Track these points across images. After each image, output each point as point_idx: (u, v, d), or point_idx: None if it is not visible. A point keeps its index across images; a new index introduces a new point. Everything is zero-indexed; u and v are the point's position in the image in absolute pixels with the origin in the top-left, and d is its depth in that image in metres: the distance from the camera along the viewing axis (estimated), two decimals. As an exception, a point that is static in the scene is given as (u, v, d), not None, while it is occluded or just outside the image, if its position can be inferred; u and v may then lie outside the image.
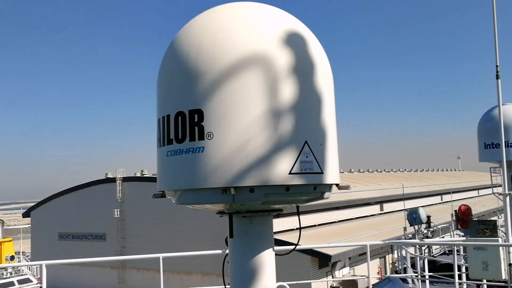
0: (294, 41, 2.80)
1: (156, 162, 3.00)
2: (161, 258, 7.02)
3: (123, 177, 36.85)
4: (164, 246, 30.52)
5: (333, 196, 3.11)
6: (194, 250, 8.87)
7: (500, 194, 8.87)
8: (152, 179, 34.81)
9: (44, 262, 6.55)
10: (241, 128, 2.60)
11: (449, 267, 10.71)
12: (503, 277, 8.20)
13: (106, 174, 38.80)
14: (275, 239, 3.13)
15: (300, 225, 3.31)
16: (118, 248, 35.73)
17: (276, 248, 3.16)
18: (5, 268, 30.94)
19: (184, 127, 2.68)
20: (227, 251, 3.11)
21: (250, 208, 2.90)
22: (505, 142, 9.54)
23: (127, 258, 10.24)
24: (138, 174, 37.49)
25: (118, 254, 34.48)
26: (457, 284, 7.93)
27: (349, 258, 27.50)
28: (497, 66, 8.55)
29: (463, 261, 10.61)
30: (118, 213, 36.01)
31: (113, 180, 37.09)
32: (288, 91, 2.67)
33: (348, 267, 27.90)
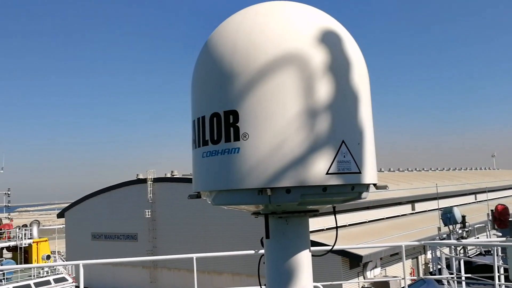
0: (329, 40, 2.76)
1: (192, 163, 3.01)
2: (194, 258, 7.07)
3: (154, 178, 37.38)
4: (194, 246, 30.80)
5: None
6: (224, 250, 8.91)
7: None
8: (182, 180, 35.19)
9: (81, 262, 6.68)
10: (277, 129, 2.58)
11: (485, 268, 10.42)
12: (544, 279, 7.92)
13: (137, 175, 39.44)
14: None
15: (336, 225, 3.26)
16: (149, 248, 36.26)
17: (312, 248, 3.13)
18: (42, 267, 31.83)
19: (220, 128, 2.68)
20: (262, 251, 3.09)
21: (286, 209, 2.87)
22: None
23: (160, 259, 10.36)
24: (169, 175, 37.94)
25: (149, 254, 34.99)
26: (497, 286, 7.70)
27: (381, 259, 27.11)
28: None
29: (501, 262, 10.29)
30: (149, 213, 36.55)
31: (144, 181, 37.67)
32: (324, 90, 2.64)
33: (380, 268, 27.51)
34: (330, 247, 3.34)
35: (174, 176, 37.58)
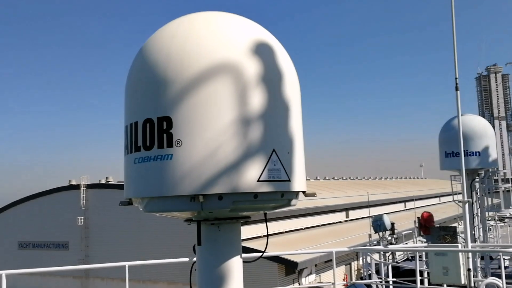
0: (263, 51, 2.84)
1: (123, 169, 2.97)
2: (126, 266, 6.89)
3: (87, 184, 36.02)
4: (129, 255, 29.93)
5: (300, 203, 3.16)
6: (161, 258, 8.76)
7: (460, 201, 9.17)
8: (117, 186, 34.16)
9: (4, 272, 6.32)
10: (210, 136, 2.61)
11: (411, 272, 10.96)
12: (463, 282, 8.47)
13: (69, 181, 37.84)
14: (242, 246, 3.15)
15: (267, 232, 3.34)
16: (81, 256, 34.80)
17: (244, 255, 3.18)
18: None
19: (153, 134, 2.67)
20: (195, 258, 3.11)
21: (218, 216, 2.91)
22: (464, 151, 9.87)
23: (91, 267, 9.99)
24: (103, 181, 36.73)
25: (81, 263, 33.59)
26: (419, 289, 8.13)
27: (315, 265, 27.71)
28: (456, 78, 8.88)
29: (425, 266, 10.89)
30: (82, 221, 35.12)
31: (77, 187, 36.21)
32: (257, 100, 2.71)
33: (315, 274, 28.10)
34: (260, 254, 3.42)
35: (109, 183, 36.42)
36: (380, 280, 10.86)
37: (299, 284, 26.16)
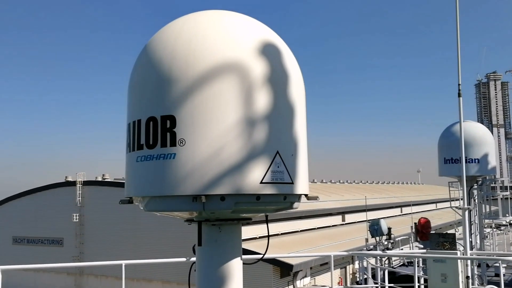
0: (269, 52, 2.81)
1: (125, 167, 2.94)
2: (123, 265, 6.85)
3: (83, 181, 35.93)
4: (124, 253, 29.86)
5: (297, 205, 3.13)
6: (155, 257, 8.72)
7: (459, 208, 9.15)
8: (113, 184, 34.10)
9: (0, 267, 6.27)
10: (214, 136, 2.58)
11: (408, 278, 10.94)
12: (460, 289, 8.46)
13: (66, 177, 37.75)
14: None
15: (268, 234, 3.31)
16: (76, 253, 34.71)
17: (244, 257, 3.15)
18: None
19: (156, 132, 2.64)
20: (193, 259, 3.07)
21: (219, 217, 2.88)
22: (464, 158, 9.84)
23: (86, 265, 9.96)
24: (99, 178, 36.65)
25: (75, 260, 33.50)
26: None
27: (311, 268, 27.68)
28: (459, 84, 8.85)
29: (422, 273, 10.86)
30: (77, 217, 35.03)
31: (73, 183, 36.12)
32: (262, 101, 2.68)
33: (309, 277, 28.08)
34: (261, 255, 3.39)
35: (106, 180, 36.36)
36: (376, 285, 10.83)
37: (294, 287, 26.12)
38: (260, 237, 26.18)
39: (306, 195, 3.02)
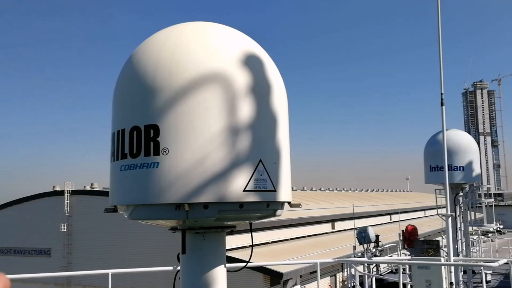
0: (252, 62, 2.88)
1: (109, 176, 2.97)
2: (110, 274, 6.83)
3: (71, 190, 35.63)
4: (113, 262, 29.59)
5: (286, 213, 3.19)
6: (145, 266, 8.68)
7: (443, 215, 9.27)
8: (102, 193, 33.84)
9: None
10: (198, 145, 2.63)
11: (395, 285, 11.01)
12: (445, 295, 8.53)
13: (53, 186, 37.41)
14: (227, 256, 3.16)
15: (252, 242, 3.35)
16: (63, 264, 34.31)
17: (228, 265, 3.18)
18: None
19: (139, 142, 2.68)
20: (179, 267, 3.10)
21: (203, 225, 2.91)
22: (448, 165, 9.99)
23: (73, 274, 9.88)
24: (88, 188, 36.38)
25: (63, 270, 33.10)
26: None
27: (301, 276, 27.67)
28: (441, 94, 9.02)
29: (408, 279, 10.95)
30: (65, 227, 34.68)
31: (61, 193, 35.79)
32: (245, 110, 2.73)
33: (300, 285, 28.05)
34: (245, 263, 3.42)
35: (94, 189, 36.09)
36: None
37: (284, 295, 26.05)
38: (249, 246, 26.12)
39: (289, 203, 3.07)
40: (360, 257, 18.72)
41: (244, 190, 2.66)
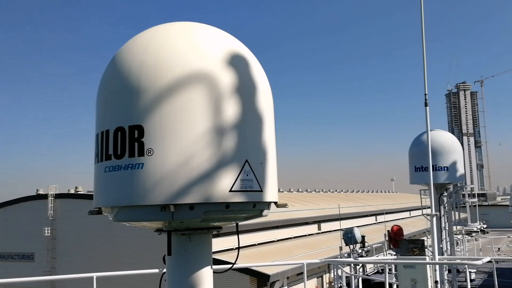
0: (237, 62, 2.86)
1: (93, 178, 2.93)
2: (94, 278, 6.75)
3: (55, 194, 35.18)
4: (99, 266, 29.25)
5: (272, 215, 3.18)
6: (131, 270, 8.58)
7: (428, 215, 9.36)
8: (86, 196, 33.48)
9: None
10: (183, 145, 2.60)
11: (382, 285, 11.07)
12: (431, 294, 8.61)
13: (37, 190, 36.90)
14: (214, 259, 3.13)
15: (239, 243, 3.33)
16: (47, 268, 33.83)
17: (214, 266, 3.16)
18: None
19: (124, 142, 2.65)
20: (165, 269, 3.07)
21: (189, 226, 2.89)
22: (433, 166, 10.09)
23: (57, 278, 9.75)
24: (72, 191, 35.95)
25: (47, 275, 32.64)
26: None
27: (287, 278, 27.69)
28: (425, 94, 9.11)
29: (394, 279, 11.02)
30: (49, 231, 34.22)
31: (44, 196, 35.32)
32: (230, 111, 2.72)
33: (286, 287, 28.06)
34: (231, 265, 3.40)
35: (78, 192, 35.68)
36: (350, 292, 10.93)
37: (271, 297, 26.03)
38: (235, 248, 26.05)
39: (275, 203, 3.06)
40: (346, 257, 18.81)
41: (230, 191, 2.64)
